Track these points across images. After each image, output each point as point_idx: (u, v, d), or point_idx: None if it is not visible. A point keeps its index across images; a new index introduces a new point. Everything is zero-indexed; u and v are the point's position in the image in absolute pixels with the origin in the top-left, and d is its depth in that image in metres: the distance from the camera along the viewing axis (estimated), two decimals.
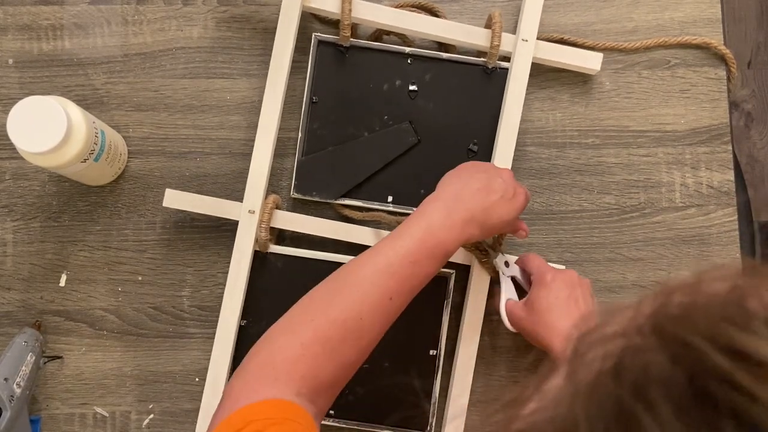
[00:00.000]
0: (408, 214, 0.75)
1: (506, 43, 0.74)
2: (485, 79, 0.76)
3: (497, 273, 0.73)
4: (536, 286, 0.67)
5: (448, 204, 0.60)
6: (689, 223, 0.78)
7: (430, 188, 0.75)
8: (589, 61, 0.76)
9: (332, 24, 0.78)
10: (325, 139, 0.76)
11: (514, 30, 0.76)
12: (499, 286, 0.72)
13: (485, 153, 0.76)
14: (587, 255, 0.77)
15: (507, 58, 0.76)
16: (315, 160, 0.75)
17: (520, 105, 0.74)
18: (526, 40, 0.74)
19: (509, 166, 0.73)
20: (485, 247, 0.72)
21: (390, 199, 0.76)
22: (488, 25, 0.75)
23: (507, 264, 0.72)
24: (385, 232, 0.73)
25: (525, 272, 0.72)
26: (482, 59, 0.76)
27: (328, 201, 0.75)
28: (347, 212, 0.75)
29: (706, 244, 0.78)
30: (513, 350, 0.76)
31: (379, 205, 0.75)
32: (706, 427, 0.24)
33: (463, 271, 0.74)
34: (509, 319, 0.69)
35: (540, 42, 0.75)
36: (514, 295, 0.71)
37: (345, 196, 0.75)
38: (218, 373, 0.70)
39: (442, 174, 0.75)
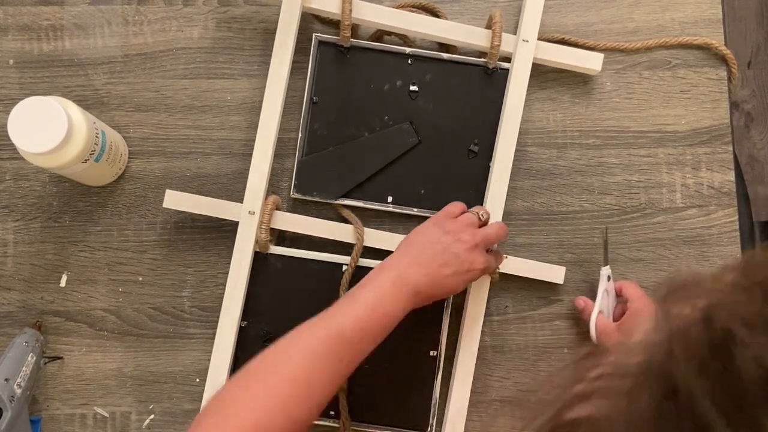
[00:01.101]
0: (408, 215, 0.75)
1: (507, 43, 0.74)
2: (486, 79, 0.76)
3: (497, 275, 0.73)
4: (635, 315, 0.69)
5: (400, 274, 0.62)
6: (690, 223, 0.78)
7: (430, 188, 0.76)
8: (590, 62, 0.76)
9: (333, 24, 0.78)
10: (325, 140, 0.76)
11: (514, 30, 0.76)
12: (594, 297, 0.73)
13: (486, 153, 0.75)
14: (588, 255, 0.77)
15: (508, 59, 0.76)
16: (315, 160, 0.75)
17: (520, 105, 0.74)
18: (527, 41, 0.74)
19: (509, 167, 0.73)
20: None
21: (390, 199, 0.76)
22: (489, 26, 0.75)
23: (609, 278, 0.73)
24: (386, 233, 0.73)
25: (619, 296, 0.73)
26: (483, 60, 0.76)
27: (329, 201, 0.75)
28: (347, 213, 0.75)
29: (707, 244, 0.78)
30: (513, 351, 0.76)
31: (379, 205, 0.75)
32: None
33: None
34: (597, 333, 0.71)
35: (541, 42, 0.75)
36: (606, 310, 0.72)
37: (345, 196, 0.75)
38: (218, 374, 0.70)
39: (443, 174, 0.76)
